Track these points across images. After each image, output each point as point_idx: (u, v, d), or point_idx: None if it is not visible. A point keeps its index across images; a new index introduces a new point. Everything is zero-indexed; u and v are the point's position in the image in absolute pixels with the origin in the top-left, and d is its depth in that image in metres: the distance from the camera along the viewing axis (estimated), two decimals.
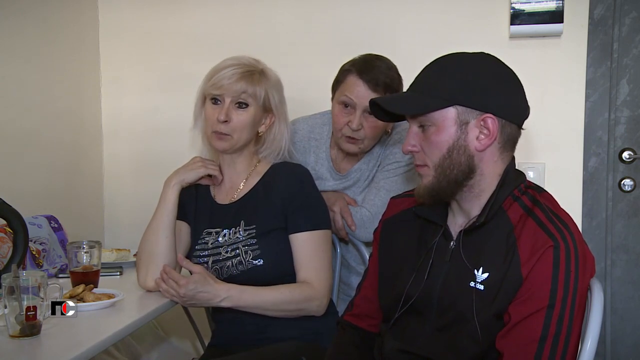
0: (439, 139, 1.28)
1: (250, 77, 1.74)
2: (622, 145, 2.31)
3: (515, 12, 2.19)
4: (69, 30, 2.47)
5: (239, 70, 1.74)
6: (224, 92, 1.73)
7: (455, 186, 1.31)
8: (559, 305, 1.19)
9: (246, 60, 1.78)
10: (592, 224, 2.31)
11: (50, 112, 2.37)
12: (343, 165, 2.05)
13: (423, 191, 1.34)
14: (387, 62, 1.91)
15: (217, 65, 1.78)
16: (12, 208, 1.67)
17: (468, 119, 1.27)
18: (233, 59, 1.78)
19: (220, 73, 1.74)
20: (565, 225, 1.25)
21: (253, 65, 1.78)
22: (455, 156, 1.28)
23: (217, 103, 1.76)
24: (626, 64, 2.28)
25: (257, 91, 1.75)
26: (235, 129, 1.75)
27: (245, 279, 1.72)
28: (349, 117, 1.90)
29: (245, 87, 1.73)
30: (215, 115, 1.74)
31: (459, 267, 1.31)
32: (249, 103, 1.75)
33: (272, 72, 1.82)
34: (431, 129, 1.29)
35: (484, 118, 1.27)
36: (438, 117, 1.28)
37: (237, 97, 1.74)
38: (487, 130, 1.27)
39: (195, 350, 2.56)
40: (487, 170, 1.31)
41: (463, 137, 1.28)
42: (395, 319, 1.39)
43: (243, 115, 1.75)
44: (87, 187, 2.60)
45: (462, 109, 1.27)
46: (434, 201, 1.36)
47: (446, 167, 1.29)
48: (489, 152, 1.30)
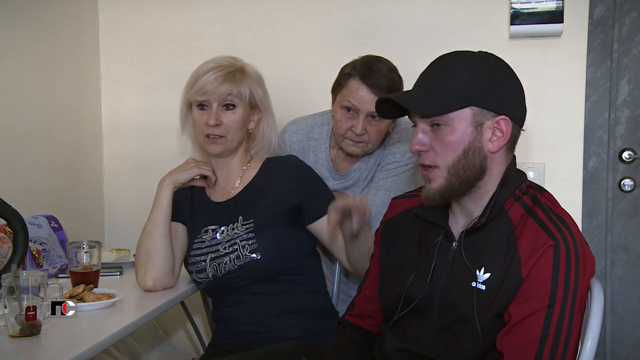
0: (454, 140, 1.27)
1: (232, 78, 1.75)
2: (622, 145, 2.31)
3: (515, 12, 2.19)
4: (69, 30, 2.47)
5: (221, 72, 1.75)
6: (209, 96, 1.74)
7: (466, 187, 1.30)
8: (559, 305, 1.19)
9: (224, 61, 1.78)
10: (592, 224, 2.30)
11: (50, 112, 2.37)
12: (343, 165, 2.05)
13: (434, 195, 1.31)
14: (388, 64, 1.91)
15: (197, 71, 1.78)
16: (12, 208, 1.67)
17: (483, 120, 1.27)
18: (211, 62, 1.78)
19: (202, 79, 1.74)
20: (565, 225, 1.25)
21: (232, 64, 1.78)
22: (470, 157, 1.28)
23: (204, 108, 1.77)
24: (626, 64, 2.28)
25: (241, 90, 1.76)
26: (228, 130, 1.76)
27: (242, 273, 1.72)
28: (352, 122, 1.89)
29: (230, 89, 1.74)
30: (204, 120, 1.75)
31: (461, 267, 1.31)
32: (235, 104, 1.76)
33: (252, 68, 1.83)
34: (445, 129, 1.27)
35: (498, 120, 1.27)
36: (454, 117, 1.27)
37: (224, 100, 1.75)
38: (500, 131, 1.28)
39: (195, 350, 2.55)
40: (495, 171, 1.31)
41: (478, 138, 1.27)
42: (395, 319, 1.39)
43: (232, 116, 1.76)
44: (87, 187, 2.59)
45: (478, 109, 1.26)
46: (443, 204, 1.35)
47: (460, 168, 1.28)
48: (500, 153, 1.30)
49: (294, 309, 1.75)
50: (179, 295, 1.81)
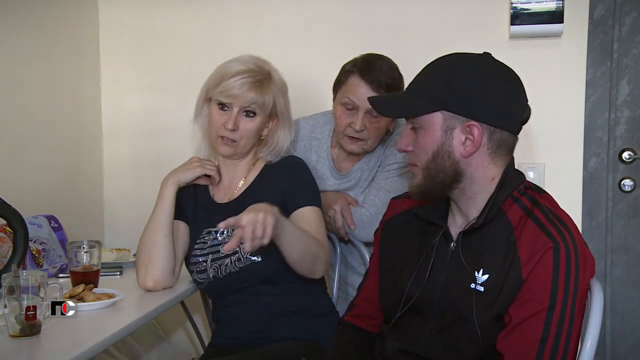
0: (426, 142, 1.29)
1: (260, 87, 1.74)
2: (622, 146, 2.31)
3: (515, 12, 2.19)
4: (69, 31, 2.47)
5: (250, 79, 1.73)
6: (233, 101, 1.73)
7: (443, 188, 1.32)
8: (559, 307, 1.19)
9: (254, 65, 1.76)
10: (592, 224, 2.31)
11: (51, 112, 2.37)
12: (344, 164, 2.05)
13: (413, 189, 1.36)
14: (388, 61, 1.91)
15: (225, 70, 1.76)
16: (12, 208, 1.67)
17: (454, 124, 1.27)
18: (241, 63, 1.76)
19: (229, 80, 1.73)
20: (565, 226, 1.25)
21: (261, 69, 1.77)
22: (439, 161, 1.29)
23: (225, 109, 1.76)
24: (626, 64, 2.28)
25: (265, 100, 1.75)
26: (242, 137, 1.76)
27: (243, 275, 1.72)
28: (352, 119, 1.90)
29: (255, 98, 1.74)
30: (223, 121, 1.74)
31: (459, 268, 1.31)
32: (256, 112, 1.76)
33: (278, 74, 1.81)
34: (420, 132, 1.30)
35: (469, 125, 1.26)
36: (426, 120, 1.29)
37: (246, 107, 1.74)
38: (472, 137, 1.27)
39: (195, 350, 2.55)
40: (477, 174, 1.30)
41: (448, 142, 1.28)
42: (396, 319, 1.39)
43: (250, 124, 1.76)
44: (87, 187, 2.59)
45: (449, 114, 1.27)
46: (426, 199, 1.37)
47: (432, 170, 1.30)
48: (477, 157, 1.29)
49: (294, 309, 1.75)
50: (179, 295, 1.81)
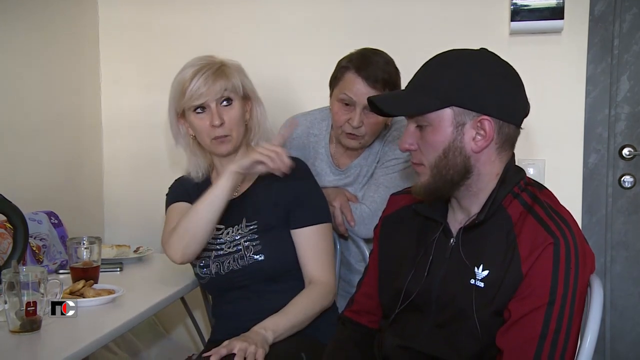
0: (435, 140, 1.28)
1: (222, 74, 1.74)
2: (622, 142, 2.31)
3: (515, 8, 2.18)
4: (69, 30, 2.47)
5: (209, 72, 1.72)
6: (206, 97, 1.72)
7: (451, 186, 1.30)
8: (559, 303, 1.19)
9: (205, 61, 1.76)
10: (592, 221, 2.31)
11: (51, 109, 2.37)
12: (342, 160, 2.05)
13: (419, 189, 1.33)
14: (384, 56, 1.91)
15: (181, 79, 1.75)
16: (12, 204, 1.68)
17: (464, 120, 1.26)
18: (191, 67, 1.74)
19: (192, 84, 1.71)
20: (565, 222, 1.25)
21: (212, 61, 1.76)
22: (451, 157, 1.27)
23: (203, 111, 1.74)
24: (627, 61, 2.27)
25: (234, 83, 1.75)
26: (231, 127, 1.75)
27: (245, 273, 1.73)
28: (349, 115, 1.90)
29: (224, 84, 1.73)
30: (208, 122, 1.73)
31: (459, 264, 1.31)
32: (232, 97, 1.75)
33: (230, 60, 1.80)
34: (428, 129, 1.28)
35: (480, 120, 1.26)
36: (434, 117, 1.27)
37: (221, 97, 1.73)
38: (483, 131, 1.26)
39: (195, 346, 2.56)
40: (484, 170, 1.30)
41: (459, 138, 1.27)
42: (395, 315, 1.39)
43: (232, 111, 1.75)
44: (87, 183, 2.60)
45: (459, 110, 1.26)
46: (431, 199, 1.36)
47: (442, 167, 1.28)
48: (486, 153, 1.29)
49: None
50: (179, 291, 1.81)
